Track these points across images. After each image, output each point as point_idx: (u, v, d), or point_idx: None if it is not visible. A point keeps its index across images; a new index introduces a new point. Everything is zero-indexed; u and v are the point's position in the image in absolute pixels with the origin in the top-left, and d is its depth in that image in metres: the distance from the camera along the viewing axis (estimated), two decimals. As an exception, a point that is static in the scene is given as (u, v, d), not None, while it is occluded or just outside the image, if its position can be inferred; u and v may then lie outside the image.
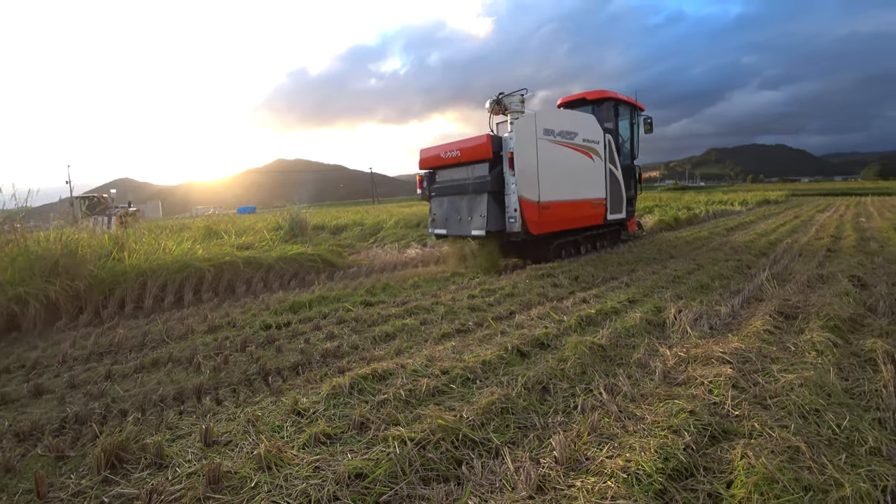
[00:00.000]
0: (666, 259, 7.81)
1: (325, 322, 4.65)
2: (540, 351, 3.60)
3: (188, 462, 2.32)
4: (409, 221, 14.83)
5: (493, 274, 7.19)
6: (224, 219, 15.94)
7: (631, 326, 3.97)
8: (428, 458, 2.18)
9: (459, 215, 7.57)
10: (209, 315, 5.16)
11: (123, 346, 4.40)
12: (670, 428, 2.29)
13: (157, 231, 10.31)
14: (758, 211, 21.91)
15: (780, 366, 3.02)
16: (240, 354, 3.87)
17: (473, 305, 4.96)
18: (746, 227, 13.83)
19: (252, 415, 2.69)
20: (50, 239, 6.28)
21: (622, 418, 2.49)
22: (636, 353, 3.43)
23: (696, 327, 3.91)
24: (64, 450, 2.58)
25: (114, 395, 3.25)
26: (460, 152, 7.51)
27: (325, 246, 8.54)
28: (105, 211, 21.87)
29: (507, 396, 2.71)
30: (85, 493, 2.18)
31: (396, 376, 3.03)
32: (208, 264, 6.47)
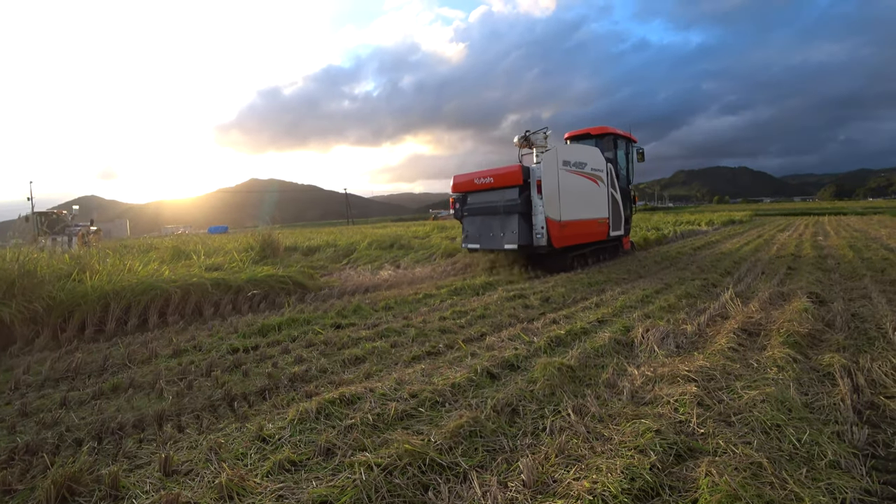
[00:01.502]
0: (635, 279, 7.97)
1: (294, 345, 4.56)
2: (510, 373, 3.60)
3: (146, 493, 2.24)
4: (382, 242, 14.77)
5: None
6: (194, 239, 15.62)
7: (600, 346, 4.02)
8: (395, 483, 2.15)
9: (491, 232, 9.14)
10: (174, 338, 5.01)
11: (82, 371, 4.23)
12: (637, 448, 2.32)
13: (123, 251, 10.06)
14: (723, 231, 22.60)
15: (744, 383, 3.09)
16: (205, 379, 3.76)
17: (445, 327, 4.95)
18: (712, 246, 14.23)
19: (215, 442, 2.61)
20: (6, 258, 6.04)
21: (590, 439, 2.51)
22: (605, 373, 3.47)
23: (663, 346, 3.98)
24: (12, 483, 2.45)
25: (69, 424, 3.11)
26: (493, 179, 9.05)
27: (297, 267, 8.43)
28: (64, 229, 21.15)
29: (475, 419, 2.70)
30: (32, 530, 2.08)
31: (365, 400, 2.98)
32: (175, 286, 6.29)
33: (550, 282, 7.76)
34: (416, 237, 16.83)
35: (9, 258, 6.05)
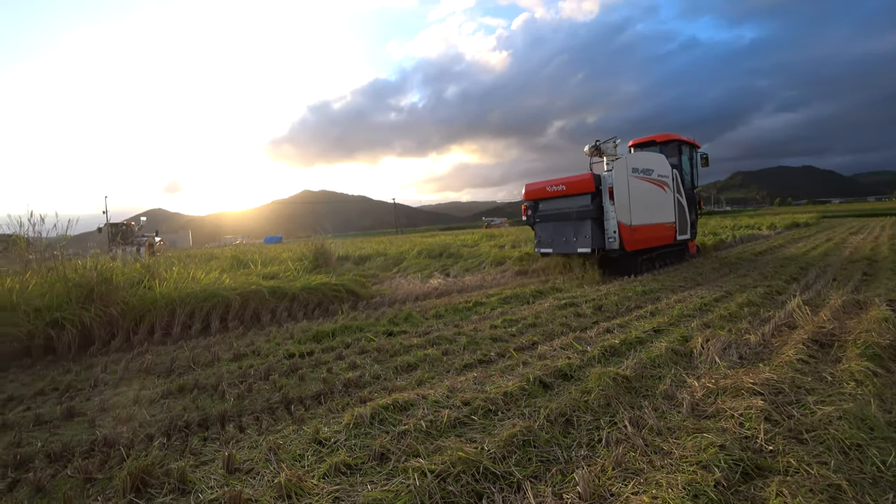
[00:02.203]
0: (692, 287, 7.66)
1: (347, 352, 4.68)
2: (563, 382, 3.54)
3: (210, 489, 2.35)
4: (431, 251, 14.89)
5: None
6: (251, 248, 16.28)
7: (656, 357, 3.89)
8: (448, 490, 2.15)
9: (564, 237, 9.65)
10: (235, 343, 5.25)
11: (152, 371, 4.50)
12: (699, 463, 2.22)
13: (187, 260, 10.60)
14: (787, 235, 21.35)
15: (817, 397, 2.91)
16: (263, 383, 3.91)
17: (495, 336, 4.93)
18: (775, 251, 13.49)
19: (274, 443, 2.71)
20: (87, 267, 6.51)
21: (648, 452, 2.42)
22: (662, 384, 3.35)
23: (724, 357, 3.80)
24: (92, 472, 2.64)
25: (141, 420, 3.32)
26: (565, 186, 9.55)
27: (349, 276, 8.63)
28: (133, 240, 22.50)
29: (529, 429, 2.67)
30: (110, 516, 2.22)
31: (417, 407, 3.02)
32: (235, 293, 6.59)
33: (603, 290, 7.58)
34: (465, 246, 16.89)
35: (88, 267, 6.52)
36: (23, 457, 2.89)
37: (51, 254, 6.85)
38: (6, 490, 2.56)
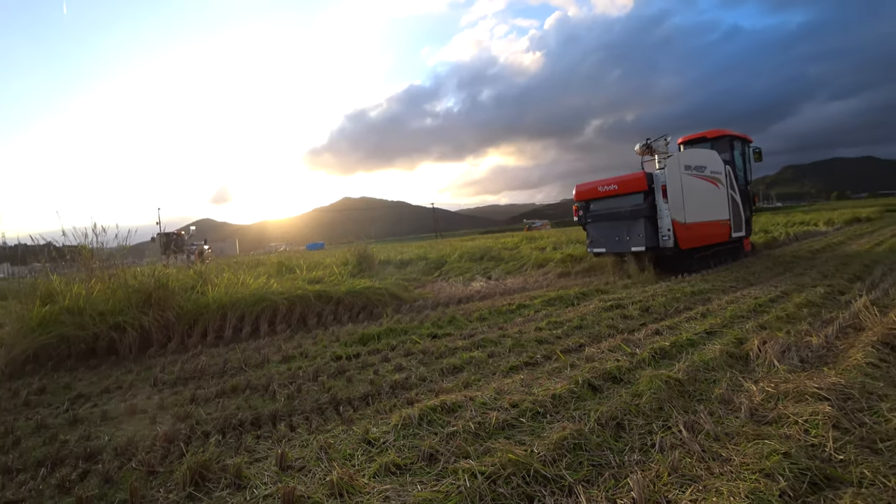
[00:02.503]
0: (744, 287, 7.35)
1: (393, 354, 4.73)
2: (612, 385, 3.46)
3: (265, 484, 2.41)
4: (472, 255, 14.87)
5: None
6: (295, 255, 16.72)
7: (710, 360, 3.75)
8: (499, 493, 2.14)
9: (617, 236, 9.63)
10: (283, 346, 5.40)
11: (206, 372, 4.68)
12: (762, 471, 2.12)
13: (235, 266, 10.98)
14: (847, 230, 20.10)
15: (891, 404, 2.73)
16: (312, 384, 4.00)
17: (541, 338, 4.87)
18: (835, 248, 12.76)
19: (325, 442, 2.76)
20: (145, 273, 6.85)
21: (706, 459, 2.34)
22: (717, 388, 3.23)
23: (784, 360, 3.63)
24: (154, 465, 2.78)
25: (197, 418, 3.46)
26: (617, 186, 9.56)
27: (392, 280, 8.74)
28: (183, 247, 23.49)
29: (579, 432, 2.62)
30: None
31: (465, 409, 3.01)
32: (282, 297, 6.78)
33: (649, 291, 7.38)
34: (506, 248, 16.79)
35: (146, 274, 6.86)
36: (92, 449, 3.07)
37: (112, 262, 7.26)
38: (78, 479, 2.72)
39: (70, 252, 7.28)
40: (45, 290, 6.41)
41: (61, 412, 3.94)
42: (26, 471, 2.92)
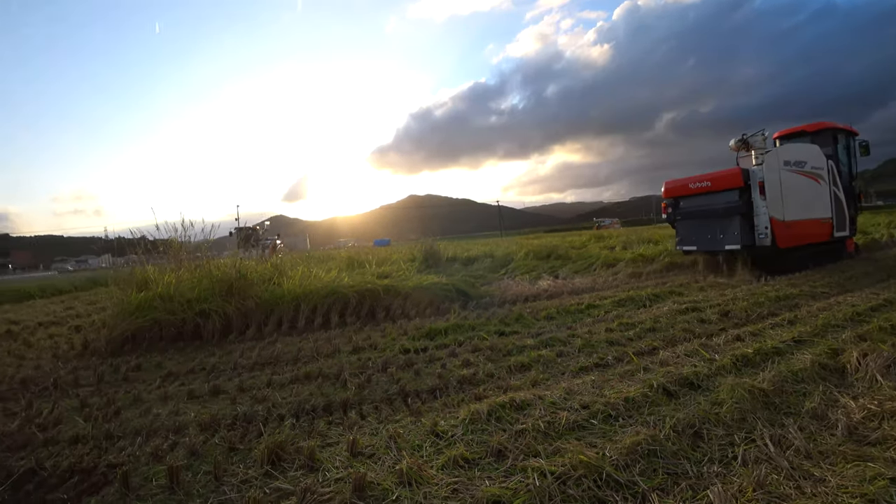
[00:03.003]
0: (838, 293, 6.75)
1: (460, 349, 4.77)
2: (689, 391, 3.29)
3: (336, 468, 2.51)
4: (538, 253, 14.67)
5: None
6: (363, 250, 17.21)
7: (799, 370, 3.47)
8: (568, 494, 2.10)
9: (709, 234, 9.40)
10: (353, 337, 5.58)
11: (281, 359, 4.93)
12: (864, 496, 1.95)
13: (308, 261, 11.46)
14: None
15: None
16: (381, 375, 4.12)
17: (612, 339, 4.73)
18: (951, 254, 11.44)
19: (394, 431, 2.83)
20: (227, 265, 7.32)
21: (795, 477, 2.17)
22: (809, 401, 2.99)
23: (889, 376, 3.30)
24: (235, 442, 2.97)
25: (273, 401, 3.66)
26: (710, 182, 9.33)
27: (459, 276, 8.80)
28: (257, 242, 24.75)
29: (653, 438, 2.52)
30: (250, 483, 2.47)
31: (534, 407, 2.98)
32: (352, 290, 7.02)
33: (729, 294, 6.96)
34: (573, 247, 16.42)
35: (229, 265, 7.32)
36: (180, 424, 3.33)
37: (198, 254, 7.83)
38: (168, 450, 2.97)
39: (162, 245, 7.90)
40: (140, 279, 7.00)
41: (154, 388, 4.29)
42: (125, 438, 3.21)
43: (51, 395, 4.31)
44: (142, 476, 2.64)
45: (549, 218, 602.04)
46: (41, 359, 5.85)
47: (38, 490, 2.60)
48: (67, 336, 7.37)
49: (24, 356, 6.13)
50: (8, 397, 4.36)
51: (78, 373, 4.96)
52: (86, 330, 7.59)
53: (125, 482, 2.52)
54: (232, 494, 2.37)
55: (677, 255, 11.23)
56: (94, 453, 2.99)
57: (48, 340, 7.11)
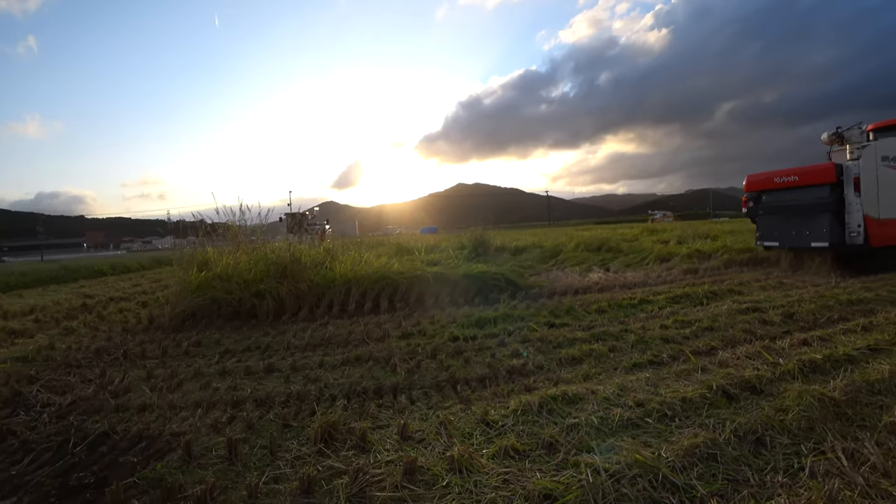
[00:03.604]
0: (921, 300, 6.26)
1: (509, 339, 4.75)
2: (751, 395, 3.14)
3: (387, 451, 2.55)
4: (589, 245, 14.34)
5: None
6: (411, 237, 17.36)
7: (876, 381, 3.24)
8: (622, 493, 2.05)
9: (794, 230, 9.16)
10: (402, 322, 5.65)
11: (332, 341, 5.06)
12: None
13: (358, 246, 11.68)
14: None
15: None
16: (431, 361, 4.15)
17: (666, 336, 4.57)
18: None
19: (444, 418, 2.84)
20: (282, 249, 7.56)
21: (872, 495, 2.03)
22: (887, 415, 2.78)
23: (983, 392, 3.03)
24: (289, 419, 3.09)
25: (325, 382, 3.76)
26: (798, 177, 9.12)
27: (508, 266, 8.73)
28: (306, 227, 25.27)
29: (713, 441, 2.42)
30: (304, 459, 2.55)
31: (586, 401, 2.93)
32: (402, 277, 7.09)
33: (794, 295, 6.57)
34: (625, 240, 15.96)
35: (283, 248, 7.57)
36: (237, 398, 3.48)
37: (253, 238, 8.13)
38: (227, 422, 3.11)
39: (220, 228, 8.23)
40: (201, 260, 7.34)
41: (213, 363, 4.50)
42: (187, 409, 3.39)
43: (121, 365, 4.60)
44: (202, 446, 2.77)
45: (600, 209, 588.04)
46: (112, 331, 6.26)
47: (111, 452, 2.78)
48: (135, 311, 7.84)
49: (98, 328, 6.57)
50: (84, 365, 4.69)
51: (144, 346, 5.26)
52: (151, 306, 8.05)
53: (188, 450, 2.65)
54: (286, 469, 2.45)
55: (736, 252, 10.74)
56: (159, 421, 3.17)
57: (118, 315, 7.58)
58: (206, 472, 2.47)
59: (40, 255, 54.18)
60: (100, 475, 2.53)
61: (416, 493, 2.13)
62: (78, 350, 5.24)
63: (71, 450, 2.83)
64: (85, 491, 2.39)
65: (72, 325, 6.82)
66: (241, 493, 2.23)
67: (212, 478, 2.32)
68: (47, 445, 2.90)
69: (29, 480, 2.52)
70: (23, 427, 3.18)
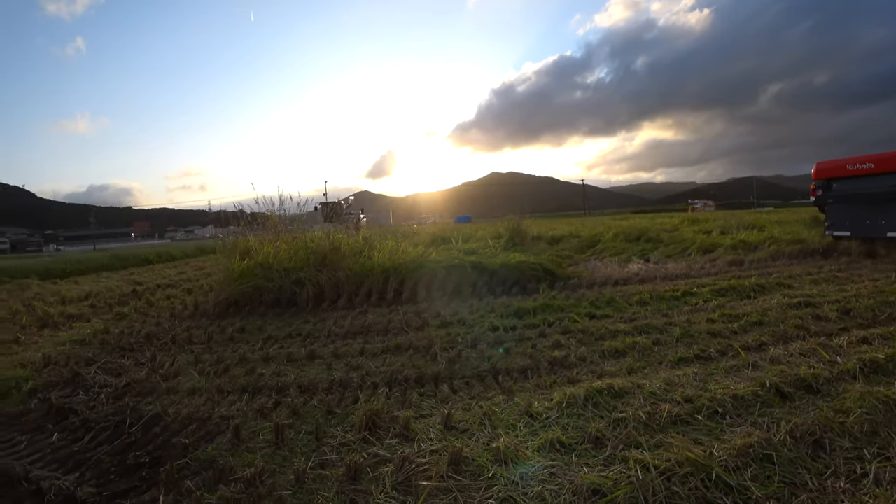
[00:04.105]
0: None
1: (550, 330, 4.69)
2: (806, 395, 3.00)
3: (430, 440, 2.56)
4: (628, 235, 14.01)
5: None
6: (446, 227, 17.37)
7: (945, 383, 3.06)
8: (673, 491, 1.99)
9: (868, 220, 8.96)
10: (441, 311, 5.67)
11: (372, 329, 5.11)
12: None
13: (394, 235, 11.76)
14: None
15: None
16: (471, 351, 4.15)
17: (713, 330, 4.42)
18: None
19: (487, 409, 2.84)
20: (321, 237, 7.67)
21: (944, 505, 1.91)
22: (960, 422, 2.62)
23: None
24: (332, 406, 3.13)
25: (367, 369, 3.81)
26: (874, 164, 8.87)
27: (546, 256, 8.62)
28: (341, 217, 25.59)
29: (767, 441, 2.32)
30: (348, 446, 2.59)
31: (633, 396, 2.86)
32: (440, 266, 7.10)
33: (850, 290, 6.25)
34: (664, 230, 15.53)
35: (322, 237, 7.68)
36: (282, 384, 3.56)
37: (292, 227, 8.29)
38: (272, 407, 3.18)
39: (260, 217, 8.42)
40: (243, 248, 7.53)
41: (257, 349, 4.61)
42: (233, 393, 3.48)
43: (170, 350, 4.78)
44: (250, 430, 2.85)
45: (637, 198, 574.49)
46: (161, 317, 6.50)
47: (163, 433, 2.89)
48: (181, 298, 8.12)
49: (147, 313, 6.84)
50: (136, 349, 4.89)
51: (191, 331, 5.44)
52: (196, 293, 8.32)
53: (237, 434, 2.73)
54: (332, 456, 2.49)
55: (785, 244, 10.30)
56: (208, 405, 3.28)
57: (166, 301, 7.88)
58: (254, 455, 2.53)
59: (92, 245, 56.99)
60: (154, 454, 2.63)
61: (462, 483, 2.13)
62: (130, 334, 5.47)
63: (127, 429, 2.95)
64: (141, 469, 2.48)
65: (123, 310, 7.13)
66: (289, 478, 2.27)
67: (260, 461, 2.38)
68: (105, 424, 3.03)
69: (90, 457, 2.64)
70: (83, 406, 3.34)
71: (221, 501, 2.11)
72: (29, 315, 6.90)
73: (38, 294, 9.29)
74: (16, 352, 5.02)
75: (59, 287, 10.50)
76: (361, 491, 2.14)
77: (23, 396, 3.59)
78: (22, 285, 10.44)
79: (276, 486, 2.22)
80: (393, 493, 2.10)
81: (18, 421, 3.20)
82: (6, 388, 3.72)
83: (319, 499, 2.10)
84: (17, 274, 11.94)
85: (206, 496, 2.16)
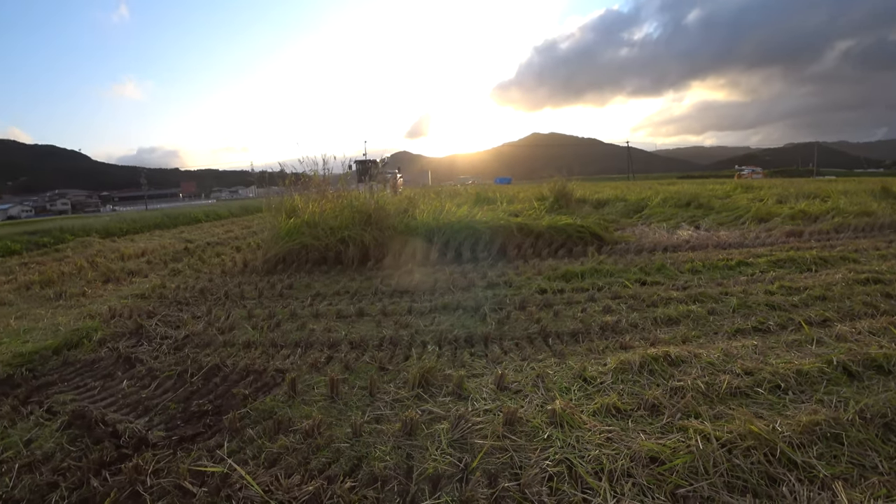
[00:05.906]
0: None
1: (599, 295, 4.62)
2: (876, 375, 2.84)
3: (484, 399, 2.58)
4: (677, 200, 13.47)
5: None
6: (487, 188, 17.16)
7: None
8: (735, 463, 1.95)
9: None
10: (487, 272, 5.65)
11: (418, 288, 5.15)
12: None
13: (439, 194, 11.69)
14: None
15: None
16: (520, 313, 4.13)
17: (772, 303, 4.23)
18: None
19: (540, 371, 2.83)
20: (365, 196, 7.70)
21: None
22: None
23: None
24: (384, 363, 3.18)
25: (416, 328, 3.85)
26: None
27: (592, 219, 8.42)
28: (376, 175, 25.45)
29: (836, 420, 2.23)
30: (402, 402, 2.64)
31: (690, 365, 2.80)
32: (486, 226, 7.03)
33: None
34: (716, 196, 14.88)
35: (367, 196, 7.71)
36: (333, 340, 3.64)
37: (336, 186, 8.34)
38: (325, 362, 3.27)
39: (303, 177, 8.49)
40: (289, 207, 7.65)
41: (306, 306, 4.72)
42: (287, 347, 3.59)
43: (224, 305, 4.95)
44: (305, 383, 2.94)
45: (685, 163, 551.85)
46: (213, 273, 6.74)
47: (223, 383, 3.02)
48: (230, 255, 8.39)
49: (200, 270, 7.11)
50: (192, 303, 5.10)
51: (242, 287, 5.63)
52: (244, 251, 8.58)
53: (293, 387, 2.82)
54: (386, 411, 2.55)
55: (851, 216, 9.68)
56: (263, 358, 3.39)
57: (216, 258, 8.15)
58: (310, 408, 2.62)
59: (144, 205, 59.60)
60: (215, 403, 2.75)
61: (518, 443, 2.14)
62: (185, 290, 5.70)
63: (189, 379, 3.09)
64: (205, 416, 2.61)
65: (177, 266, 7.43)
66: (346, 430, 2.34)
67: (317, 414, 2.46)
68: (169, 374, 3.19)
69: (157, 403, 2.79)
70: (147, 356, 3.52)
71: (282, 450, 2.20)
72: (93, 270, 7.30)
73: (100, 251, 9.79)
74: (83, 304, 5.32)
75: (117, 244, 11.03)
76: (417, 446, 2.18)
77: (93, 345, 3.81)
78: (84, 243, 11.03)
79: (333, 438, 2.28)
80: (449, 450, 2.13)
81: (91, 368, 3.41)
82: (78, 337, 3.96)
83: (377, 452, 2.16)
84: (79, 232, 12.62)
85: (268, 444, 2.26)
